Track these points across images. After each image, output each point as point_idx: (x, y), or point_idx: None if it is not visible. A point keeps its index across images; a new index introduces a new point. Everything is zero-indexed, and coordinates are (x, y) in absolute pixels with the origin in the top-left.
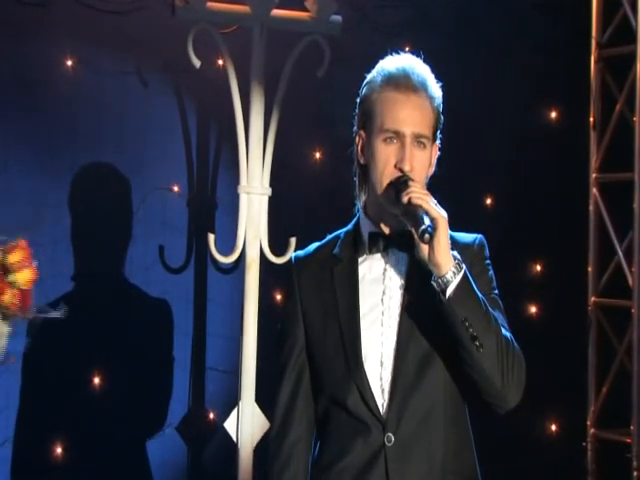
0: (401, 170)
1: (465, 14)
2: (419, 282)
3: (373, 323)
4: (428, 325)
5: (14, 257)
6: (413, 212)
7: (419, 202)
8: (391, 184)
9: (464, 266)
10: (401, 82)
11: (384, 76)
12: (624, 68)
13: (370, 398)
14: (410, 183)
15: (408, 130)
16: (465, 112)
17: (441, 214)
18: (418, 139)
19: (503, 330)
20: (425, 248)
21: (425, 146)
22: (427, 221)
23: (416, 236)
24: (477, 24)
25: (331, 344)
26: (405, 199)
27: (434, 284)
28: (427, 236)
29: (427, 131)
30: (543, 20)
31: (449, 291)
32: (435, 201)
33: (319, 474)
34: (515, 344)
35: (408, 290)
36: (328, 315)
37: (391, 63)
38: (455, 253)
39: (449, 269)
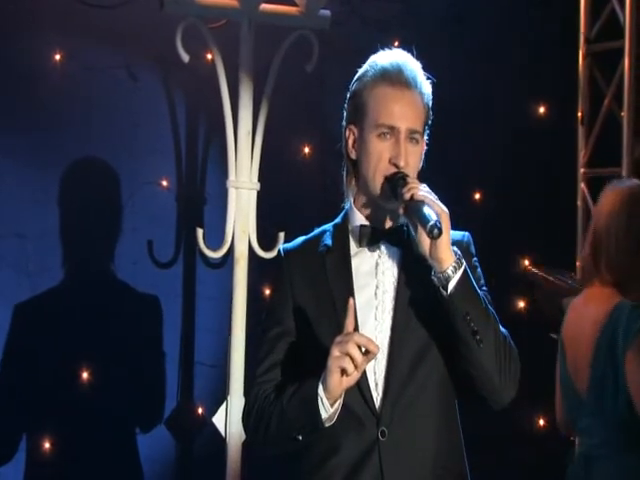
0: (396, 166)
1: (454, 9)
2: (412, 277)
3: (367, 317)
4: (422, 320)
5: None
6: (416, 207)
7: (422, 197)
8: (386, 180)
9: (464, 261)
10: (395, 77)
11: (377, 71)
12: (612, 63)
13: (367, 392)
14: (409, 179)
15: (403, 125)
16: (454, 107)
17: (443, 209)
18: (412, 134)
19: (500, 327)
20: (426, 243)
21: (418, 141)
22: (434, 216)
23: (424, 232)
24: (466, 19)
25: (327, 336)
26: (408, 195)
27: (435, 279)
28: (437, 231)
29: (420, 126)
30: (531, 15)
31: (451, 286)
32: (436, 196)
33: (310, 472)
34: (511, 340)
35: (401, 285)
36: (322, 306)
37: (384, 58)
38: (455, 248)
39: (450, 264)
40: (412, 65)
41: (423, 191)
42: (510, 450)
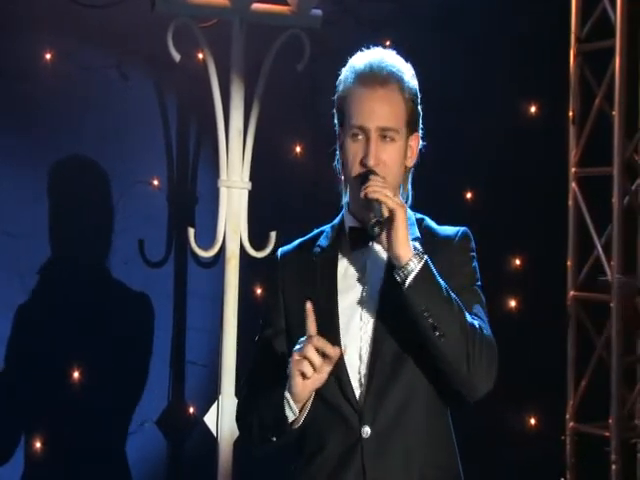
0: (365, 166)
1: (446, 8)
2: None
3: (352, 317)
4: (405, 320)
5: None
6: (369, 206)
7: (375, 195)
8: (358, 180)
9: (425, 256)
10: (367, 77)
11: (352, 74)
12: (603, 63)
13: (349, 391)
14: (370, 177)
15: (372, 125)
16: (446, 106)
17: (398, 204)
18: (384, 133)
19: (469, 318)
20: (384, 241)
21: (393, 139)
22: (383, 213)
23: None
24: (458, 18)
25: None
26: (362, 194)
27: (396, 275)
28: (377, 229)
29: (395, 124)
30: (523, 14)
31: (408, 281)
32: (392, 193)
33: (300, 470)
34: (485, 331)
35: (387, 286)
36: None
37: (359, 59)
38: (416, 244)
39: (409, 259)
40: (388, 62)
41: (376, 188)
42: (501, 450)
